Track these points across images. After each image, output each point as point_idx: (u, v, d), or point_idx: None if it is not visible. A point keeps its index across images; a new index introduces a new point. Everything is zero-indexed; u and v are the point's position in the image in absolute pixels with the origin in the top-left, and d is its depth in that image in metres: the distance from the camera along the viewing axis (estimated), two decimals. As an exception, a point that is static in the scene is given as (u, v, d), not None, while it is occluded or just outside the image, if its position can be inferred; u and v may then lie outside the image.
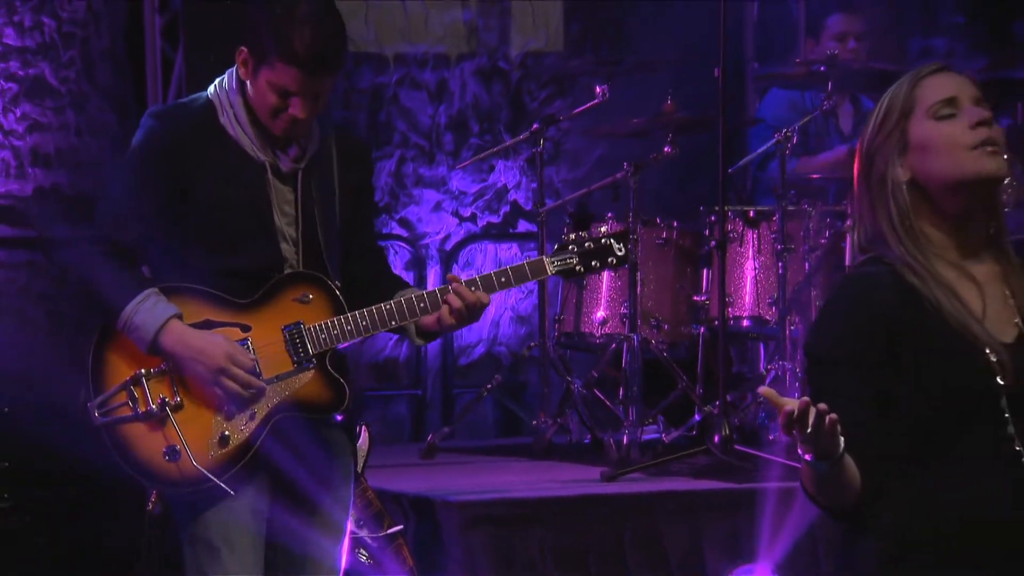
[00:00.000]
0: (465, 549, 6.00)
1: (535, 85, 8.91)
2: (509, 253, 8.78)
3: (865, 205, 3.31)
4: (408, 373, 8.91)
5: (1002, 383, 3.16)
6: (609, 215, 7.38)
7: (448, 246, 8.86)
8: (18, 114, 8.07)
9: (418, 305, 4.59)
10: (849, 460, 3.11)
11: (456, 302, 4.57)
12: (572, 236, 4.86)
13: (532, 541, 6.00)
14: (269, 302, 4.59)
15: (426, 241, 8.80)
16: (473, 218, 8.87)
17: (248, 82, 4.60)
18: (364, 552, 5.63)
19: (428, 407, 8.79)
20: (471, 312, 4.61)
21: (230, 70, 4.65)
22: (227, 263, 4.56)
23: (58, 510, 7.32)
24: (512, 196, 8.89)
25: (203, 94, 4.67)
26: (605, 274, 7.38)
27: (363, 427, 5.67)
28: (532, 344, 7.76)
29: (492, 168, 8.85)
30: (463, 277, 4.77)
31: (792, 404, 2.95)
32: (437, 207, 8.85)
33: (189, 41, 7.68)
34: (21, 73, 8.09)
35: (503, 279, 4.69)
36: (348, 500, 4.82)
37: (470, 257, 8.89)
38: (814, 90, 7.53)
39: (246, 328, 4.57)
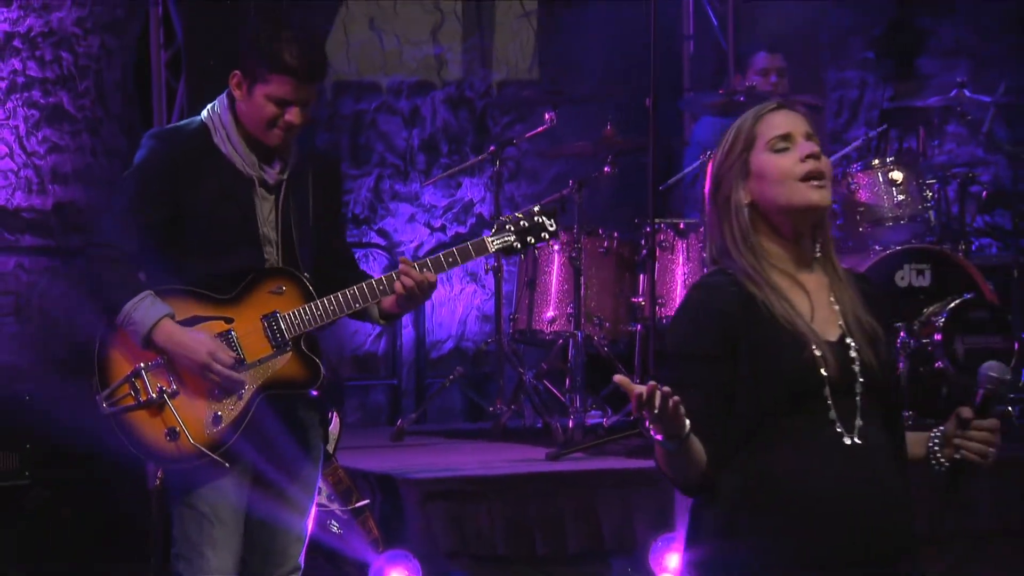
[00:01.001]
0: (424, 521, 5.99)
1: (498, 112, 8.85)
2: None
3: (714, 223, 3.35)
4: (386, 365, 8.85)
5: (825, 374, 3.20)
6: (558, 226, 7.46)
7: (421, 253, 8.73)
8: (40, 137, 8.06)
9: (377, 288, 4.61)
10: (695, 440, 3.14)
11: (407, 281, 4.58)
12: (508, 216, 4.86)
13: (483, 513, 6.01)
14: (248, 296, 4.61)
15: (401, 249, 8.73)
16: (443, 228, 8.85)
17: (241, 103, 4.60)
18: (335, 524, 5.66)
19: (403, 395, 8.73)
20: (421, 290, 4.61)
21: (220, 96, 4.67)
22: (218, 265, 4.60)
23: (74, 486, 7.38)
24: (478, 209, 8.85)
25: (197, 118, 4.70)
26: (554, 278, 7.39)
27: (334, 414, 5.59)
28: (489, 340, 7.78)
29: (460, 185, 8.81)
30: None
31: (641, 388, 2.99)
32: (411, 219, 8.82)
33: (190, 73, 7.68)
34: (43, 101, 8.08)
35: (450, 259, 4.69)
36: (315, 481, 4.83)
37: None
38: (737, 117, 7.56)
39: (229, 320, 4.59)
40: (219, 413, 4.56)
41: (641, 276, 7.29)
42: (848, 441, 3.20)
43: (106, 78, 8.16)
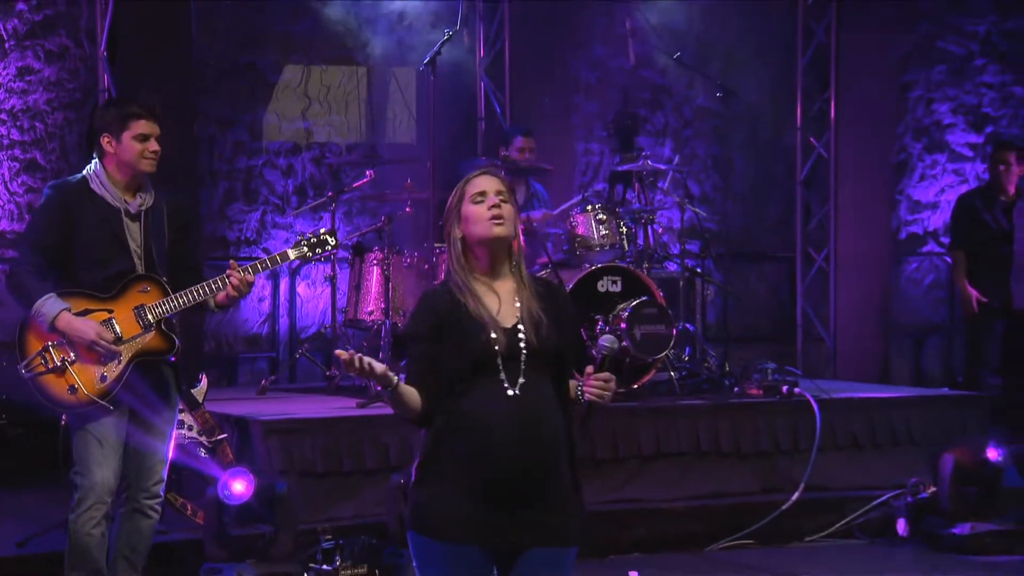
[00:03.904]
0: (265, 450, 6.02)
1: (349, 167, 8.68)
2: (326, 268, 8.27)
3: (446, 250, 3.45)
4: (268, 343, 8.67)
5: (497, 350, 3.29)
6: (376, 247, 7.35)
7: (293, 265, 8.59)
8: (19, 182, 8.04)
9: (213, 286, 4.67)
10: (406, 389, 3.26)
11: (234, 280, 4.66)
12: (302, 235, 4.88)
13: (306, 445, 6.05)
14: (123, 294, 4.68)
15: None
16: (309, 249, 8.78)
17: (114, 154, 4.66)
18: (202, 450, 5.62)
19: (280, 365, 8.53)
20: (245, 286, 4.67)
21: (94, 159, 4.75)
22: (101, 272, 4.65)
23: (36, 425, 7.24)
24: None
25: (80, 173, 4.75)
26: (373, 283, 7.24)
27: (203, 375, 5.65)
28: (327, 326, 7.70)
29: (321, 218, 8.61)
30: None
31: (345, 356, 3.17)
32: (286, 241, 8.44)
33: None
34: (22, 157, 8.06)
35: (263, 265, 4.77)
36: (172, 420, 4.83)
37: (306, 272, 8.69)
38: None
39: (110, 311, 4.66)
40: (105, 374, 4.64)
41: (435, 282, 7.26)
42: (510, 393, 3.29)
43: (68, 141, 8.09)
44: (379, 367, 3.22)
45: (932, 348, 10.00)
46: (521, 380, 3.32)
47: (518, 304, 3.39)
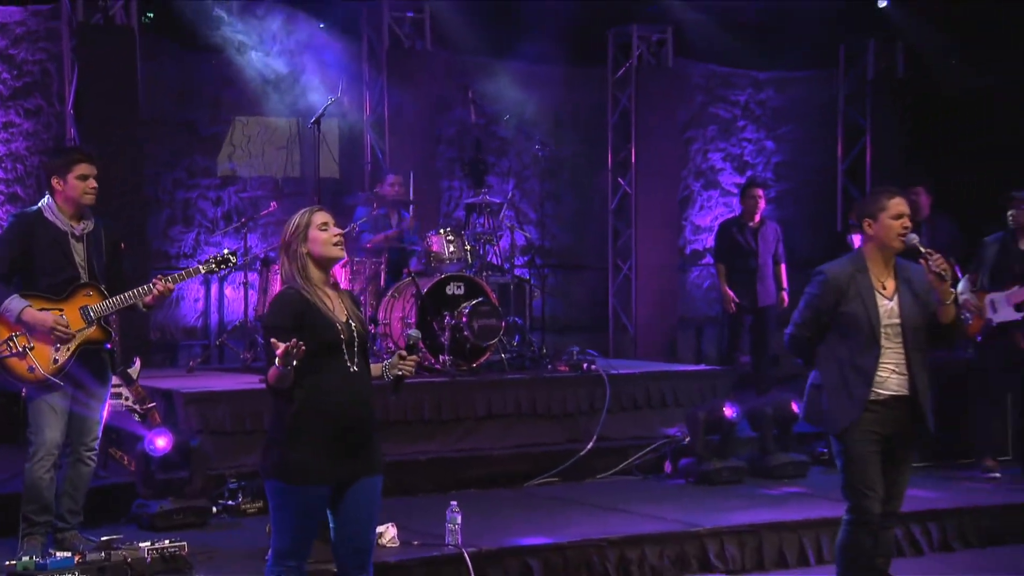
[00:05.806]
0: (186, 416, 6.04)
1: (265, 199, 8.54)
2: (243, 276, 8.09)
3: (285, 264, 3.52)
4: (202, 332, 8.64)
5: (343, 338, 3.42)
6: (279, 260, 7.54)
7: (222, 274, 8.33)
8: (3, 210, 7.97)
9: (142, 292, 4.71)
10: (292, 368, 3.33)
11: (159, 287, 4.69)
12: (212, 255, 4.92)
13: (218, 410, 6.09)
14: (71, 297, 4.73)
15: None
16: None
17: (62, 192, 4.62)
18: (136, 416, 5.52)
19: (212, 350, 8.32)
20: (167, 292, 4.68)
21: (46, 195, 4.74)
22: (52, 281, 4.71)
23: (16, 397, 7.32)
24: (254, 252, 8.96)
25: (36, 206, 4.77)
26: (277, 286, 6.51)
27: (137, 359, 5.49)
28: (241, 320, 7.73)
29: (243, 237, 8.40)
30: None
31: (286, 345, 3.22)
32: None
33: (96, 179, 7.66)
34: (5, 190, 8.02)
35: (181, 275, 4.78)
36: (106, 393, 4.87)
37: (232, 279, 8.56)
38: (373, 206, 7.55)
39: (60, 310, 4.72)
40: (57, 358, 4.73)
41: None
42: (352, 369, 3.44)
43: (43, 179, 7.90)
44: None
45: (708, 335, 10.51)
46: (356, 359, 3.47)
47: (343, 305, 3.51)
